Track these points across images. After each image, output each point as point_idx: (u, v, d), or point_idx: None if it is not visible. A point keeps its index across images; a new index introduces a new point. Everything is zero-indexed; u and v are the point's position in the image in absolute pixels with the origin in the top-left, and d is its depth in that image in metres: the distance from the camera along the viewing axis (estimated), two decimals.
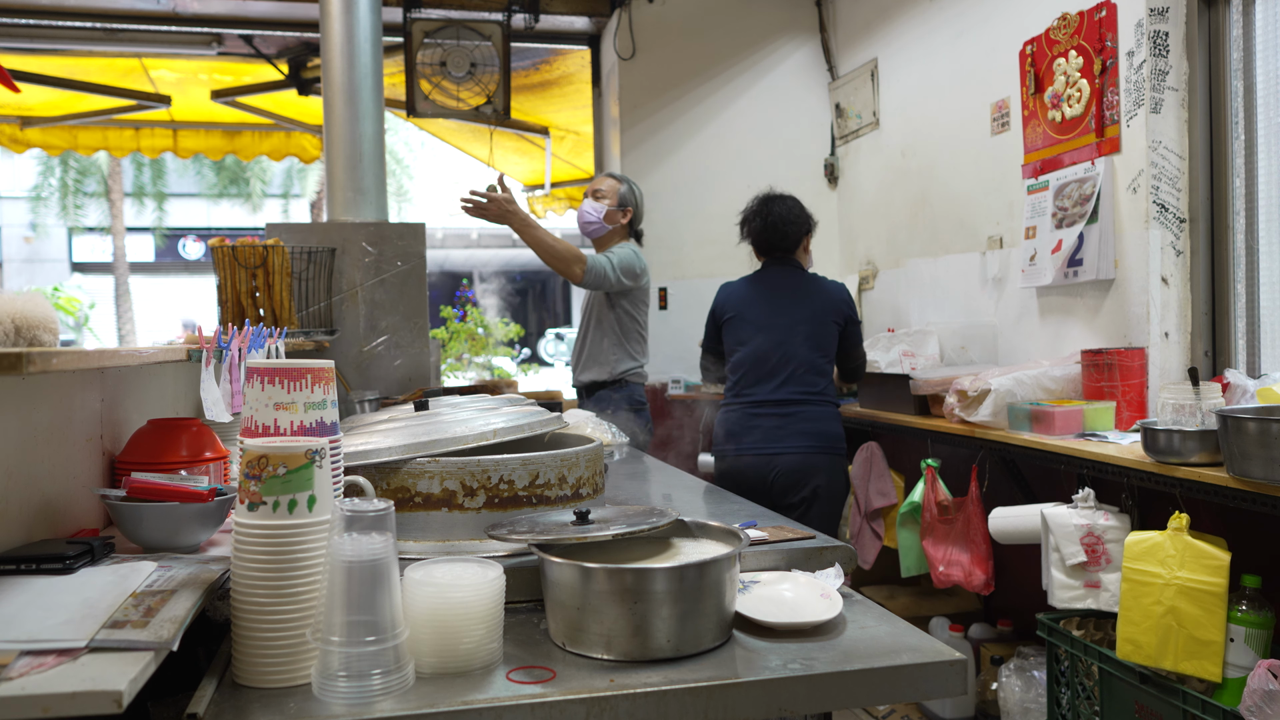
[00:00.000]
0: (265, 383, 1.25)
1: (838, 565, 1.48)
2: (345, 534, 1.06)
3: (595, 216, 3.52)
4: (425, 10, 4.66)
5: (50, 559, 1.22)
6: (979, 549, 2.89)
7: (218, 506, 1.45)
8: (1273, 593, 2.08)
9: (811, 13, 4.79)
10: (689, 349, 4.53)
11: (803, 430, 3.06)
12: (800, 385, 3.09)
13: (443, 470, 1.46)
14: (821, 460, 3.06)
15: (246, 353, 1.77)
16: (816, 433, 3.07)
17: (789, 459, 3.04)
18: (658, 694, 1.07)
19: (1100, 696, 2.30)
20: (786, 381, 3.10)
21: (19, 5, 4.63)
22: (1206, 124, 2.67)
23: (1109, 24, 2.79)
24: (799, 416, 3.07)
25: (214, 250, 2.80)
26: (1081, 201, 2.90)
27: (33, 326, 1.35)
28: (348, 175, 3.56)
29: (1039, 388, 2.78)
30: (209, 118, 6.18)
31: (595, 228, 3.55)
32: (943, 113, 3.77)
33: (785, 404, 3.09)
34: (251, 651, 1.07)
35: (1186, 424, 2.13)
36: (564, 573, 1.19)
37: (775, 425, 3.07)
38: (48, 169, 16.41)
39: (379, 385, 3.51)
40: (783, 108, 4.79)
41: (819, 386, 3.11)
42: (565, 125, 6.15)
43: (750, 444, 3.10)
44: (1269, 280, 2.53)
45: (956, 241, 3.70)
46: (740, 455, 3.11)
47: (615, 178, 3.60)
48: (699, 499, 2.13)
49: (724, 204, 4.68)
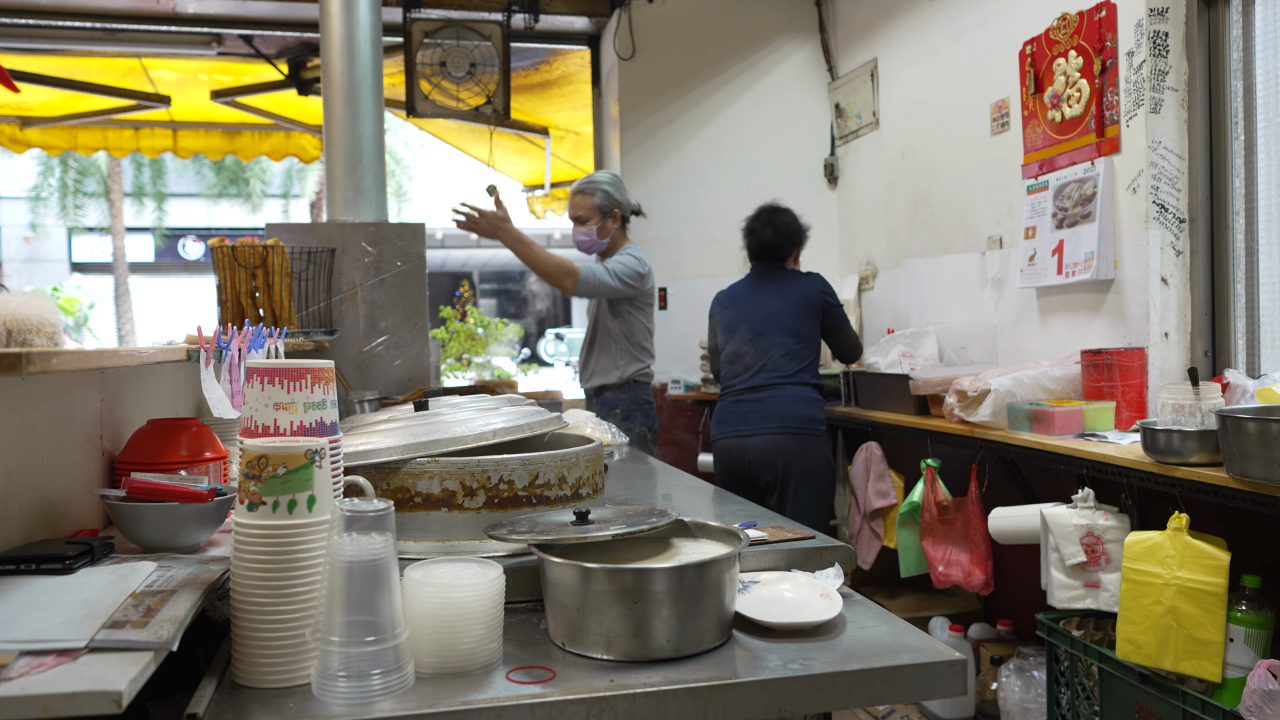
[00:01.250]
0: (265, 383, 1.25)
1: (837, 565, 1.48)
2: (345, 534, 1.06)
3: (590, 238, 3.53)
4: (425, 10, 4.66)
5: (50, 559, 1.22)
6: (979, 549, 2.89)
7: (217, 506, 1.45)
8: (1272, 593, 2.08)
9: (811, 13, 4.79)
10: (689, 349, 4.54)
11: (773, 413, 3.30)
12: (774, 371, 3.33)
13: (443, 470, 1.46)
14: (789, 441, 3.27)
15: (246, 353, 1.77)
16: (786, 414, 3.29)
17: (759, 440, 3.29)
18: (657, 694, 1.07)
19: (1100, 696, 2.30)
20: (762, 369, 3.35)
21: (19, 5, 4.63)
22: (1206, 124, 2.67)
23: (1109, 24, 2.79)
24: (770, 400, 3.31)
25: (214, 250, 2.80)
26: (1081, 202, 2.90)
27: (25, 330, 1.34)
28: (347, 175, 3.56)
29: (1039, 388, 2.78)
30: (209, 118, 6.18)
31: (597, 245, 3.56)
32: (942, 113, 3.77)
33: (759, 389, 3.34)
34: (251, 651, 1.07)
35: (1186, 424, 2.13)
36: (564, 573, 1.19)
37: (749, 410, 3.33)
38: (47, 169, 16.41)
39: (379, 385, 3.51)
40: (782, 108, 4.79)
41: (791, 371, 3.33)
42: (565, 125, 6.15)
43: (729, 430, 3.36)
44: (1269, 280, 2.53)
45: (956, 241, 3.70)
46: (720, 440, 3.41)
47: (584, 192, 3.52)
48: (699, 499, 2.13)
49: (724, 204, 4.69)
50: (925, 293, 3.93)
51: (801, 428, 3.29)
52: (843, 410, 3.76)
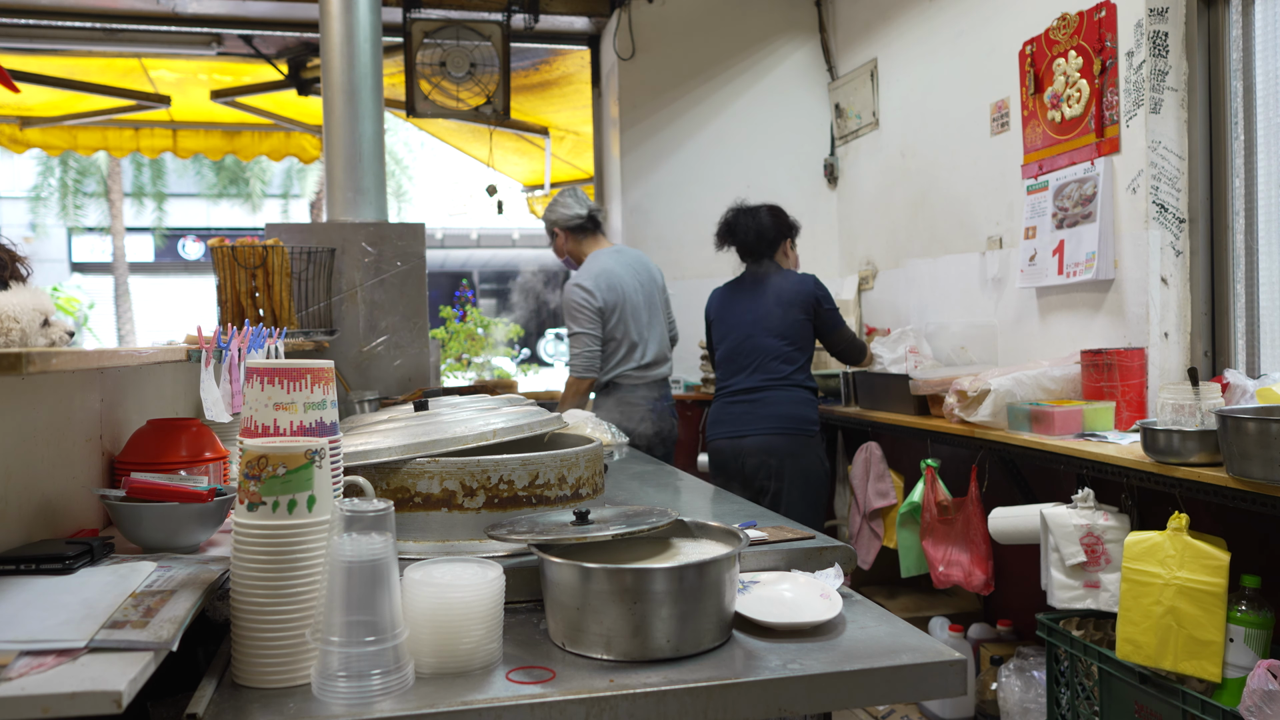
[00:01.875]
0: (265, 383, 1.25)
1: (837, 565, 1.48)
2: (345, 534, 1.06)
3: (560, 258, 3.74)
4: (425, 10, 4.66)
5: (50, 559, 1.22)
6: (979, 549, 2.89)
7: (217, 506, 1.45)
8: (1272, 593, 2.08)
9: (811, 13, 4.79)
10: (688, 349, 4.54)
11: (767, 414, 3.29)
12: (766, 373, 3.33)
13: (442, 470, 1.46)
14: (783, 442, 3.26)
15: (246, 353, 1.77)
16: (780, 415, 3.28)
17: (753, 440, 3.28)
18: (657, 694, 1.07)
19: (1100, 697, 2.30)
20: (755, 371, 3.34)
21: (19, 5, 4.63)
22: (1206, 124, 2.67)
23: (1108, 24, 2.79)
24: (763, 402, 3.31)
25: (214, 250, 2.80)
26: (1081, 202, 2.90)
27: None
28: (347, 175, 3.56)
29: (1039, 388, 2.78)
30: (209, 118, 6.18)
31: (569, 264, 3.72)
32: (942, 113, 3.77)
33: (752, 391, 3.33)
34: (251, 652, 1.07)
35: (1186, 424, 2.13)
36: (564, 573, 1.19)
37: (743, 411, 3.33)
38: (47, 169, 16.40)
39: (379, 385, 3.51)
40: (782, 108, 4.79)
41: (785, 373, 3.32)
42: (565, 125, 6.15)
43: (723, 430, 3.37)
44: (1269, 280, 2.53)
45: (956, 241, 3.70)
46: (714, 440, 3.40)
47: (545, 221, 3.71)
48: (699, 499, 2.13)
49: (724, 204, 4.64)
50: (925, 293, 3.93)
51: (796, 428, 3.28)
52: (843, 410, 3.76)
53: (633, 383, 3.51)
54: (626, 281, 3.52)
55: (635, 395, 3.50)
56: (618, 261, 3.56)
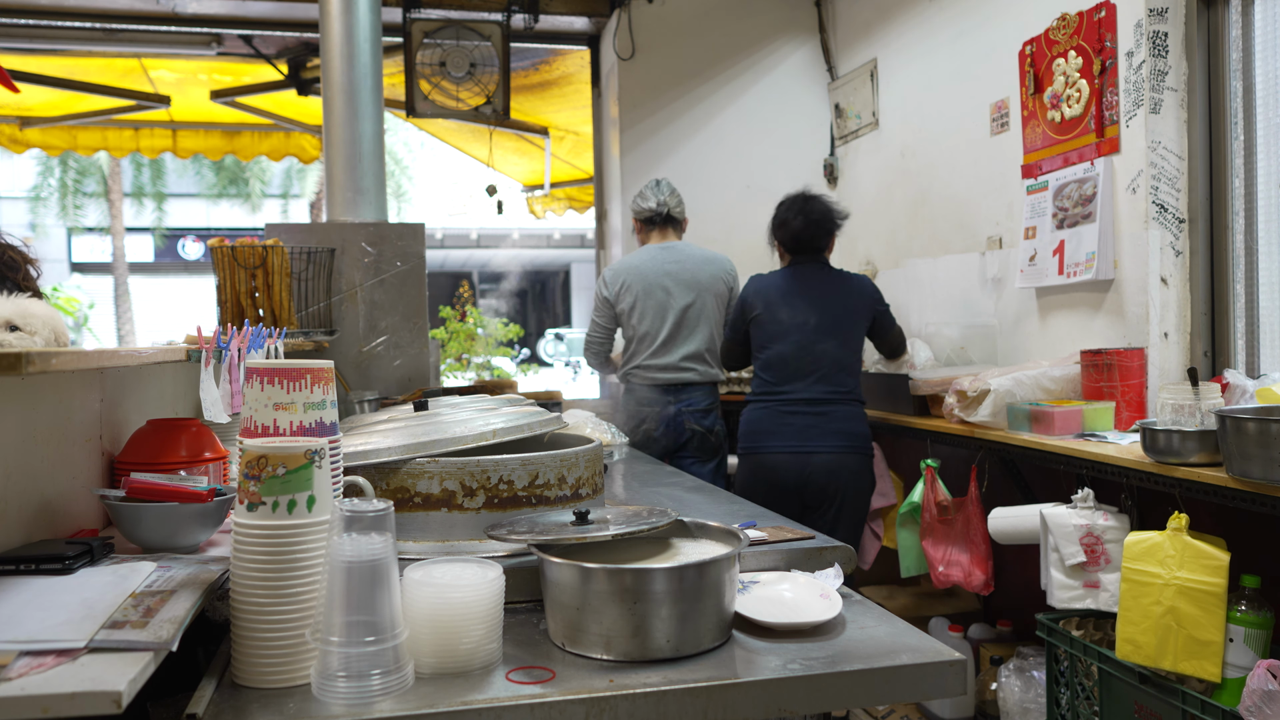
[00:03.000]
0: (265, 383, 1.25)
1: (837, 565, 1.48)
2: (345, 534, 1.06)
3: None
4: (425, 10, 4.66)
5: (50, 559, 1.22)
6: (978, 549, 2.89)
7: (217, 507, 1.45)
8: (1272, 593, 2.08)
9: (811, 13, 4.79)
10: None
11: (837, 430, 3.05)
12: (831, 385, 3.08)
13: (442, 470, 1.46)
14: (854, 460, 3.06)
15: (246, 353, 1.77)
16: (849, 432, 3.06)
17: (824, 458, 3.02)
18: (657, 694, 1.07)
19: (1100, 697, 2.30)
20: (818, 380, 3.08)
21: (19, 5, 4.63)
22: (1206, 124, 2.67)
23: (1108, 24, 2.79)
24: (832, 416, 3.06)
25: (213, 250, 2.80)
26: (1081, 202, 2.90)
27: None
28: (347, 175, 3.56)
29: (1038, 388, 2.78)
30: (208, 118, 6.18)
31: None
32: (942, 113, 3.77)
33: (817, 403, 3.07)
34: (251, 652, 1.07)
35: (1186, 424, 2.13)
36: (563, 573, 1.19)
37: (809, 424, 3.06)
38: (47, 169, 16.41)
39: (378, 385, 3.51)
40: (782, 108, 4.79)
41: (849, 386, 3.11)
42: (565, 125, 6.15)
43: (783, 442, 3.07)
44: (1268, 280, 2.53)
45: (956, 241, 3.70)
46: (774, 453, 3.08)
47: None
48: (699, 499, 2.13)
49: (723, 204, 4.69)
50: (925, 293, 3.93)
51: (864, 446, 3.10)
52: None
53: (646, 381, 3.44)
54: (650, 275, 3.46)
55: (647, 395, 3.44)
56: (652, 256, 3.51)
